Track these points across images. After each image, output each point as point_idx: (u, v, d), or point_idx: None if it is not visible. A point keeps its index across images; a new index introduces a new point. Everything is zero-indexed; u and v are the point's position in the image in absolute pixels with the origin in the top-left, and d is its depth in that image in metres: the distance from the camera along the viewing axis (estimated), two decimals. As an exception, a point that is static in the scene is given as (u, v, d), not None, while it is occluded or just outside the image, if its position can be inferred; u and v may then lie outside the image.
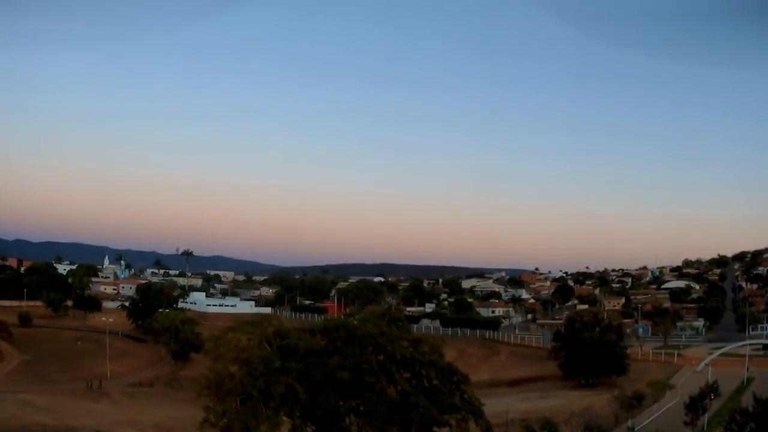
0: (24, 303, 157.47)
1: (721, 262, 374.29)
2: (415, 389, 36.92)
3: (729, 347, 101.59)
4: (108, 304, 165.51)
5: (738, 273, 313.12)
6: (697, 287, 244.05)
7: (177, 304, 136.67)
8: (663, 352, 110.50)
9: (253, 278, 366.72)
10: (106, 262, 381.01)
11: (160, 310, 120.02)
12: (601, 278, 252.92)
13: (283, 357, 36.07)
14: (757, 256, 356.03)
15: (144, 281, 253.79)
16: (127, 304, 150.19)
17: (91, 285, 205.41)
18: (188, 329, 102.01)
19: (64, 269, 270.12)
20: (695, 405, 57.03)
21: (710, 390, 59.74)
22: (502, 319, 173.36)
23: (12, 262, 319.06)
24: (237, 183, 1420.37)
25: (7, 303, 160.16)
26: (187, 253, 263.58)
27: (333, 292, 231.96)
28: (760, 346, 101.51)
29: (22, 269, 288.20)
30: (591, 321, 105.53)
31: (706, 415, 59.89)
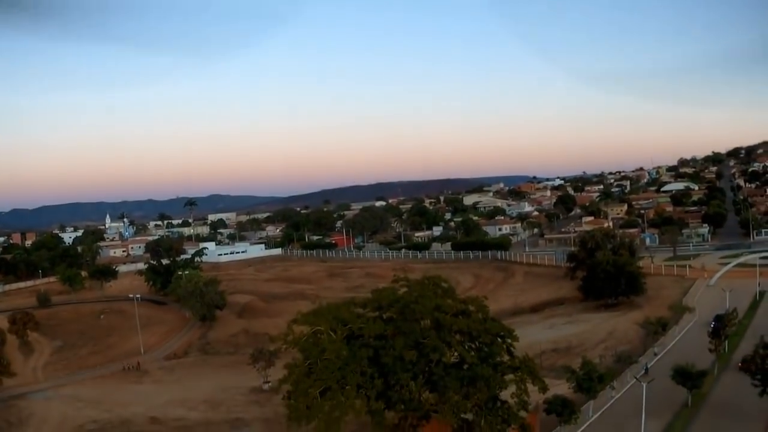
0: (39, 282, 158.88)
1: (716, 159, 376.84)
2: (477, 359, 37.93)
3: (739, 260, 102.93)
4: (121, 268, 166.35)
5: (734, 170, 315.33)
6: (696, 188, 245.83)
7: (194, 262, 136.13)
8: (675, 264, 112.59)
9: (256, 216, 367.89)
10: (108, 221, 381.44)
11: (179, 272, 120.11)
12: (603, 193, 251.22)
13: (350, 344, 37.00)
14: (751, 152, 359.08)
15: (151, 237, 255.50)
16: (143, 266, 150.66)
17: (100, 251, 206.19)
18: (212, 290, 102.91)
19: (70, 237, 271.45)
20: (717, 332, 58.54)
21: (731, 317, 61.11)
22: (510, 237, 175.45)
23: (16, 238, 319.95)
24: (227, 121, 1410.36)
25: (21, 284, 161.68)
26: (191, 203, 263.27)
27: (339, 224, 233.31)
28: None
29: (27, 244, 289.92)
30: (603, 240, 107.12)
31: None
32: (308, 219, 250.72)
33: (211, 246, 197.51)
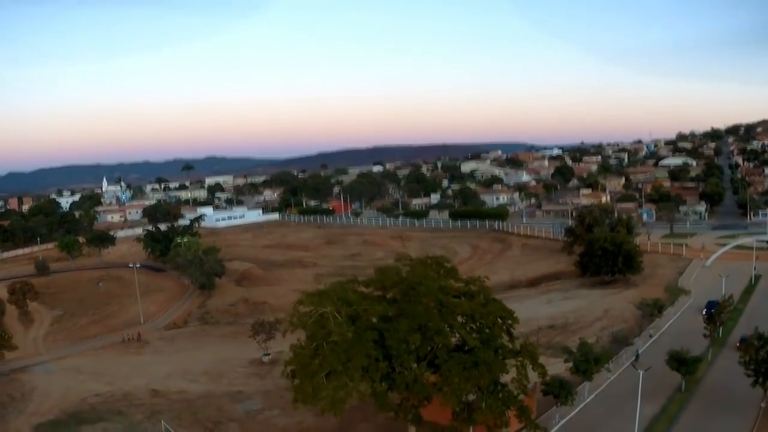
0: (37, 249, 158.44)
1: (715, 135, 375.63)
2: (479, 341, 38.49)
3: (737, 242, 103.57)
4: (119, 234, 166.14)
5: (733, 147, 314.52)
6: (694, 164, 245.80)
7: (193, 229, 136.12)
8: (671, 243, 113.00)
9: (253, 180, 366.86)
10: (105, 184, 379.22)
11: (178, 239, 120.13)
12: (602, 166, 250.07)
13: (356, 326, 37.43)
14: (750, 129, 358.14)
15: (148, 202, 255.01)
16: (141, 232, 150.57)
17: (98, 217, 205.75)
18: (211, 259, 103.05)
19: (67, 202, 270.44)
20: (712, 318, 59.21)
21: (726, 304, 61.73)
22: (508, 207, 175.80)
23: (12, 203, 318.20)
24: (223, 83, 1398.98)
25: (19, 251, 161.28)
26: (188, 167, 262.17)
27: (337, 189, 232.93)
28: (765, 242, 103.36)
29: (24, 209, 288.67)
30: (601, 216, 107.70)
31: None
32: (305, 184, 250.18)
33: (208, 211, 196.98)
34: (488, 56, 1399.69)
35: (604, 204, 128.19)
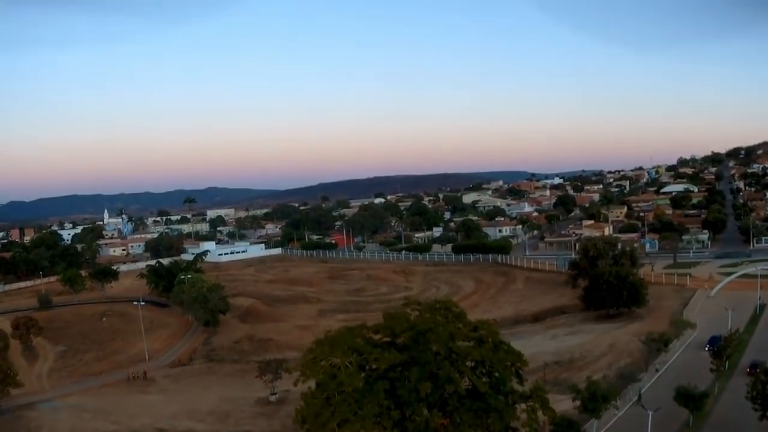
0: (39, 282, 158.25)
1: (715, 159, 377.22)
2: (489, 386, 38.59)
3: (740, 272, 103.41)
4: (121, 268, 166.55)
5: (734, 171, 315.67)
6: (696, 190, 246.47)
7: (196, 266, 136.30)
8: (675, 274, 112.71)
9: (255, 213, 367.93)
10: (106, 216, 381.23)
11: (181, 275, 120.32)
12: (604, 197, 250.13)
13: (367, 376, 37.66)
14: (750, 152, 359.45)
15: (150, 235, 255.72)
16: (143, 265, 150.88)
17: (100, 250, 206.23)
18: (216, 296, 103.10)
19: (68, 234, 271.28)
20: (719, 353, 59.26)
21: (733, 338, 61.82)
22: (510, 239, 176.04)
23: (14, 234, 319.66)
24: (224, 114, 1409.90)
25: (22, 284, 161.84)
26: (189, 200, 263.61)
27: (339, 222, 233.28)
28: None
29: (26, 239, 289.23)
30: (605, 248, 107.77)
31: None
32: (308, 217, 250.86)
33: (211, 246, 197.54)
34: (487, 85, 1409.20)
35: (608, 236, 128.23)
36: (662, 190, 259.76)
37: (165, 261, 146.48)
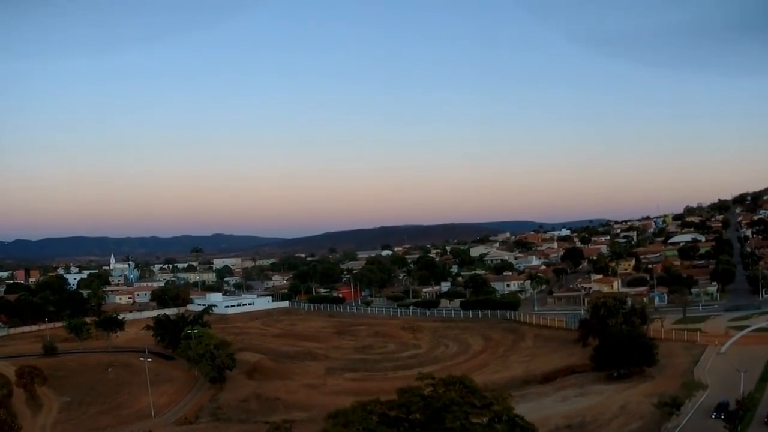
0: (44, 327, 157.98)
1: (722, 207, 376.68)
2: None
3: (751, 328, 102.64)
4: (127, 316, 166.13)
5: (741, 218, 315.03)
6: (703, 239, 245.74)
7: (203, 320, 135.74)
8: (685, 330, 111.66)
9: (261, 263, 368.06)
10: (113, 261, 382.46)
11: (188, 329, 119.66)
12: (613, 252, 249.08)
13: None
14: (757, 198, 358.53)
15: (156, 283, 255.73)
16: (150, 314, 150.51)
17: (106, 297, 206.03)
18: (223, 354, 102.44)
19: (74, 279, 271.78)
20: (732, 418, 58.53)
21: (746, 402, 61.10)
22: (519, 294, 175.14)
23: (19, 275, 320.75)
24: (231, 163, 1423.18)
25: (26, 329, 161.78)
26: (197, 250, 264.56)
27: (347, 275, 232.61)
28: None
29: (31, 281, 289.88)
30: (615, 307, 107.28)
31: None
32: (314, 269, 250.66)
33: (217, 297, 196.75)
34: (493, 135, 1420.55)
35: (618, 293, 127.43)
36: (670, 241, 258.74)
37: (171, 311, 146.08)
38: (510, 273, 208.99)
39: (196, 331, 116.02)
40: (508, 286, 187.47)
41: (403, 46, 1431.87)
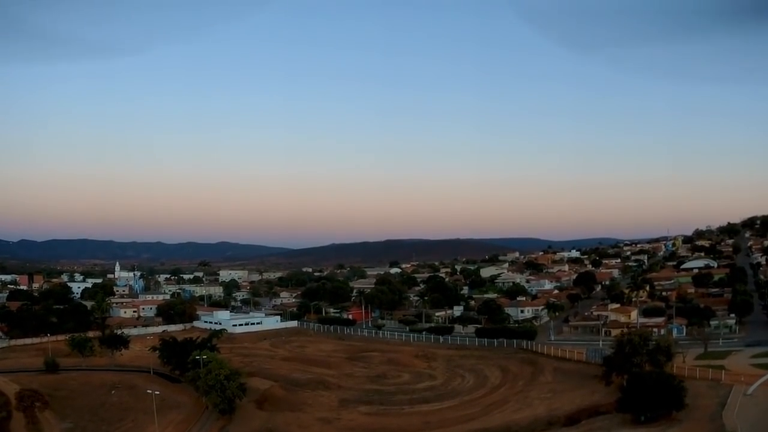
0: (46, 339, 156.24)
1: (731, 230, 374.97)
2: None
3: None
4: (131, 331, 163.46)
5: (751, 242, 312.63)
6: (716, 265, 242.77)
7: (212, 344, 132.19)
8: (709, 367, 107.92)
9: (269, 276, 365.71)
10: (117, 269, 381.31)
11: (196, 355, 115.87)
12: (632, 285, 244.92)
13: None
14: (766, 222, 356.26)
15: (162, 296, 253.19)
16: (155, 331, 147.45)
17: (110, 310, 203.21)
18: (233, 385, 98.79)
19: (79, 288, 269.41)
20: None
21: None
22: (533, 321, 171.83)
23: (23, 280, 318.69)
24: (238, 171, 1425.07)
25: (28, 341, 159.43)
26: (204, 264, 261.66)
27: (357, 295, 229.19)
28: None
29: (35, 286, 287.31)
30: (641, 344, 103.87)
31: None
32: (324, 288, 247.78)
33: (224, 315, 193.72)
34: (501, 150, 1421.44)
35: (642, 330, 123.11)
36: (682, 266, 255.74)
37: (177, 327, 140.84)
38: (524, 298, 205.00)
39: (204, 357, 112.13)
40: (522, 312, 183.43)
41: (405, 54, 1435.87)
